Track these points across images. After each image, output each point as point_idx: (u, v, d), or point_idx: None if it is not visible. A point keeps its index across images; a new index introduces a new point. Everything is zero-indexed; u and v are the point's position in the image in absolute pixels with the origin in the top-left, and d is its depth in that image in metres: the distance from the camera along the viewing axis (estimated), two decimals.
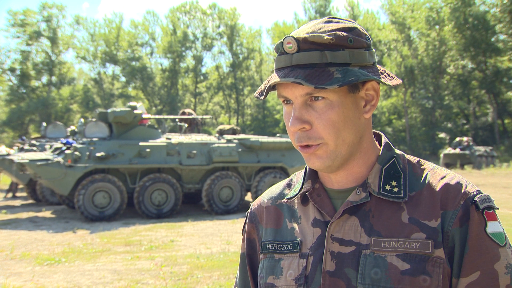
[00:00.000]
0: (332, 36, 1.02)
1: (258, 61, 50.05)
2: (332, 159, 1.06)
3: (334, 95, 1.03)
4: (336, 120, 1.03)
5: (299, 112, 1.04)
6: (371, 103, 1.10)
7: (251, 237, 1.26)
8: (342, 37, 1.02)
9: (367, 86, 1.08)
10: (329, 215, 1.10)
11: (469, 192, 1.03)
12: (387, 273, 1.00)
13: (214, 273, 6.16)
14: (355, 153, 1.09)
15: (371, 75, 1.03)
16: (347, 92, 1.05)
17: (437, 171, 1.10)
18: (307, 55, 1.01)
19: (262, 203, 1.26)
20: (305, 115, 1.04)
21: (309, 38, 1.01)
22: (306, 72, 1.00)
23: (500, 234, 1.02)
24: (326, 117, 1.03)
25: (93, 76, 47.81)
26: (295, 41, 1.02)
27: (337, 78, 0.99)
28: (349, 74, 1.00)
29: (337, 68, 1.01)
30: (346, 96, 1.04)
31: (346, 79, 0.99)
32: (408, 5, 41.95)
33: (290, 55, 1.03)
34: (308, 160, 1.08)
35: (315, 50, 1.01)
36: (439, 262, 1.00)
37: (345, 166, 1.10)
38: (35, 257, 7.20)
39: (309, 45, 1.02)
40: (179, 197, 11.39)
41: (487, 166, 25.08)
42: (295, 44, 1.02)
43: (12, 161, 12.31)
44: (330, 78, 0.99)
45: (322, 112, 1.03)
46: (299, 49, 1.02)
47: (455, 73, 40.00)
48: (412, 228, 1.03)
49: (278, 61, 1.06)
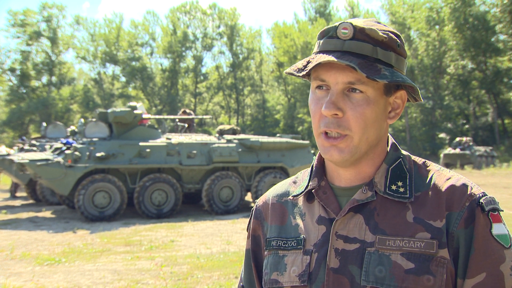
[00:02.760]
0: (386, 35, 1.04)
1: (258, 61, 50.02)
2: (351, 154, 1.07)
3: (373, 92, 1.04)
4: (368, 116, 1.04)
5: (336, 98, 1.04)
6: (396, 111, 1.12)
7: (256, 233, 1.27)
8: (393, 39, 1.05)
9: (397, 94, 1.11)
10: (334, 213, 1.10)
11: (474, 194, 1.04)
12: (391, 272, 1.01)
13: (214, 273, 6.15)
14: (369, 154, 1.11)
15: (414, 83, 1.06)
16: (382, 93, 1.06)
17: (443, 172, 1.11)
18: (360, 45, 1.02)
19: (267, 200, 1.27)
20: (340, 103, 1.04)
21: (366, 30, 1.03)
22: (358, 60, 1.01)
23: (505, 236, 1.03)
24: (360, 110, 1.04)
25: (93, 76, 47.81)
26: (352, 28, 1.03)
27: (385, 74, 1.00)
28: (396, 75, 1.02)
29: (384, 67, 1.02)
30: (381, 96, 1.06)
31: (393, 78, 1.01)
32: (408, 5, 41.95)
33: (342, 40, 1.03)
34: (327, 151, 1.08)
35: (368, 43, 1.03)
36: (443, 262, 1.00)
37: (357, 164, 1.11)
38: (35, 257, 7.20)
39: (363, 36, 1.03)
40: (179, 197, 11.39)
41: (487, 166, 25.08)
42: (352, 31, 1.03)
43: (12, 161, 12.30)
44: (378, 72, 1.00)
45: (358, 105, 1.04)
46: (353, 37, 1.03)
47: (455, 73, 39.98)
48: (417, 228, 1.03)
49: (326, 43, 1.06)
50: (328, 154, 1.08)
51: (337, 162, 1.09)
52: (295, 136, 13.46)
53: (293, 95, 44.71)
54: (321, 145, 1.09)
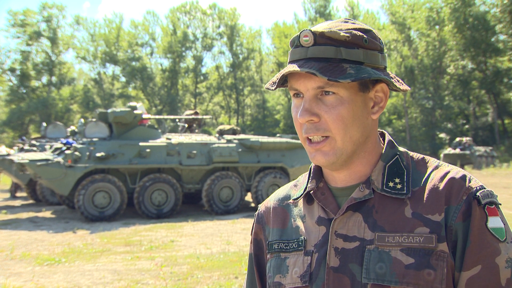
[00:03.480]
0: (349, 34, 1.04)
1: (258, 61, 50.04)
2: (337, 156, 1.07)
3: (345, 92, 1.05)
4: (345, 116, 1.05)
5: (309, 105, 1.06)
6: (379, 105, 1.12)
7: (258, 237, 1.28)
8: (358, 36, 1.05)
9: (376, 88, 1.11)
10: (333, 212, 1.11)
11: (471, 187, 1.05)
12: (392, 268, 1.01)
13: (214, 273, 6.15)
14: (360, 152, 1.11)
15: (383, 76, 1.06)
16: (357, 90, 1.07)
17: (442, 167, 1.11)
18: (323, 49, 1.04)
19: (269, 205, 1.29)
20: (314, 108, 1.06)
21: (326, 33, 1.04)
22: (320, 64, 1.02)
23: (500, 229, 1.03)
24: (335, 111, 1.05)
25: (93, 76, 47.82)
26: (312, 35, 1.04)
27: (350, 73, 1.01)
28: (362, 71, 1.03)
29: (350, 65, 1.03)
30: (356, 94, 1.06)
31: (359, 75, 1.01)
32: (408, 5, 41.94)
33: (306, 48, 1.05)
34: (313, 156, 1.09)
35: (331, 46, 1.04)
36: (443, 256, 1.01)
37: (348, 165, 1.11)
38: (35, 257, 7.20)
39: (325, 40, 1.04)
40: (179, 197, 11.39)
41: (487, 166, 25.09)
42: (312, 38, 1.04)
43: (12, 161, 12.31)
44: (343, 73, 1.01)
45: (332, 107, 1.05)
46: (315, 42, 1.04)
47: (455, 73, 39.99)
48: (416, 223, 1.04)
49: (293, 53, 1.08)
50: (314, 159, 1.09)
51: (324, 165, 1.10)
52: (295, 136, 13.46)
53: None
54: (307, 151, 1.11)
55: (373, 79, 1.05)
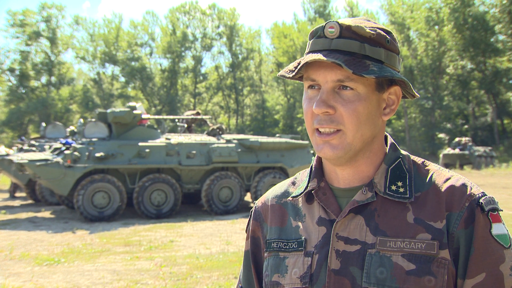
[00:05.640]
0: (374, 32, 1.04)
1: (257, 61, 50.01)
2: (345, 151, 1.06)
3: (363, 89, 1.05)
4: (360, 112, 1.05)
5: (326, 96, 1.05)
6: (391, 107, 1.12)
7: (255, 235, 1.26)
8: (381, 35, 1.05)
9: (390, 90, 1.11)
10: (335, 214, 1.10)
11: (474, 194, 1.04)
12: (393, 273, 1.01)
13: (214, 273, 6.15)
14: (365, 151, 1.10)
15: (404, 78, 1.06)
16: (374, 89, 1.07)
17: (442, 172, 1.11)
18: (347, 43, 1.03)
19: (266, 202, 1.27)
20: (331, 100, 1.05)
21: (352, 27, 1.03)
22: (345, 57, 1.01)
23: (504, 236, 1.03)
24: (352, 106, 1.04)
25: (93, 76, 47.77)
26: (339, 26, 1.04)
27: (373, 70, 1.01)
28: (384, 70, 1.03)
29: (372, 62, 1.03)
30: (373, 92, 1.06)
31: (381, 73, 1.01)
32: (407, 5, 41.95)
33: (330, 39, 1.04)
34: (321, 149, 1.08)
35: (355, 40, 1.03)
36: (444, 263, 1.00)
37: (353, 163, 1.10)
38: (35, 258, 7.19)
39: (350, 34, 1.04)
40: (178, 197, 11.38)
41: (486, 166, 25.08)
42: (338, 29, 1.04)
43: (12, 161, 12.29)
44: (366, 68, 1.01)
45: (349, 101, 1.04)
46: (340, 35, 1.04)
47: (455, 73, 39.98)
48: (418, 229, 1.03)
49: (314, 43, 1.07)
50: (321, 152, 1.08)
51: (330, 159, 1.09)
52: (294, 136, 13.47)
53: (292, 95, 44.71)
54: (314, 143, 1.09)
55: (394, 78, 1.05)
